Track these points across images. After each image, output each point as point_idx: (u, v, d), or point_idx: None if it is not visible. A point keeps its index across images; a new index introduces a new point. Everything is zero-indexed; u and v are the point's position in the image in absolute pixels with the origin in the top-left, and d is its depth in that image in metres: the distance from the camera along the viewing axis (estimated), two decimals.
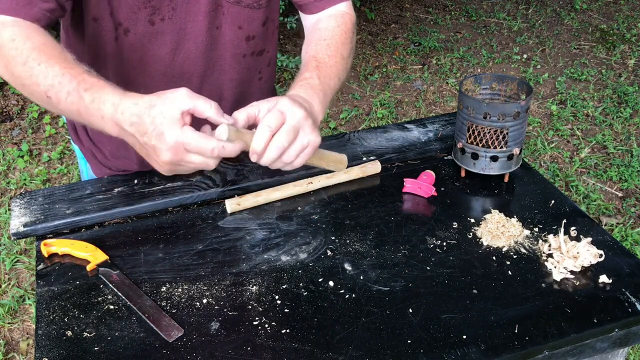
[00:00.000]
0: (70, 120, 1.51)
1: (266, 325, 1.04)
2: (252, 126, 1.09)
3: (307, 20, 1.38)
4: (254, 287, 1.12)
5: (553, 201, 1.32)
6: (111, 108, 1.02)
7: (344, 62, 1.30)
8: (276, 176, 1.37)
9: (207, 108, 1.01)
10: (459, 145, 1.38)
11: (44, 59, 1.06)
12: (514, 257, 1.18)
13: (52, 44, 1.10)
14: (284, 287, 1.12)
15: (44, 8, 1.13)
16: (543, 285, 1.12)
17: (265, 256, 1.19)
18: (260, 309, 1.07)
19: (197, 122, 1.04)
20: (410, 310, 1.06)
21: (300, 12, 1.41)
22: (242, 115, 1.08)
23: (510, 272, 1.14)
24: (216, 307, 1.08)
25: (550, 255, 1.18)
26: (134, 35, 1.25)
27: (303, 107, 1.08)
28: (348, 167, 1.40)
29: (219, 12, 1.28)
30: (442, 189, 1.36)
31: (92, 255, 1.17)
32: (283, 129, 1.04)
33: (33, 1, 1.11)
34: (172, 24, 1.26)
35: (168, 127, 0.98)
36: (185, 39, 1.28)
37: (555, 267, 1.15)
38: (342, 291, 1.10)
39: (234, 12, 1.29)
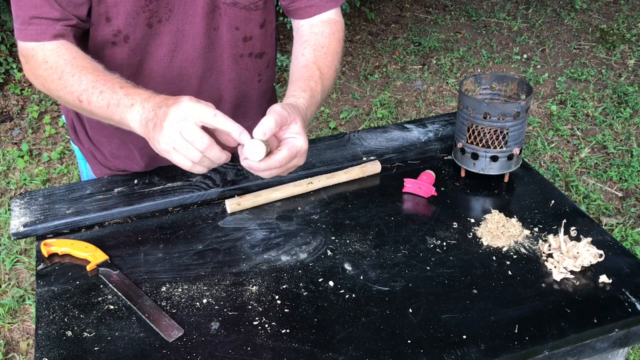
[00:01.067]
0: (70, 121, 1.51)
1: (266, 325, 1.04)
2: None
3: (298, 24, 1.39)
4: (254, 287, 1.12)
5: (553, 201, 1.32)
6: (145, 96, 1.09)
7: (335, 74, 1.33)
8: (276, 176, 1.37)
9: (234, 129, 1.03)
10: (459, 145, 1.38)
11: (77, 71, 1.16)
12: (514, 257, 1.18)
13: (81, 56, 1.19)
14: (284, 287, 1.12)
15: (65, 24, 1.19)
16: (543, 285, 1.12)
17: (265, 256, 1.19)
18: (260, 309, 1.07)
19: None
20: (410, 310, 1.06)
21: (290, 17, 1.41)
22: (270, 126, 1.04)
23: (510, 272, 1.14)
24: (216, 307, 1.08)
25: (550, 255, 1.18)
26: (134, 41, 1.26)
27: (306, 154, 1.13)
28: (348, 167, 1.40)
29: (216, 14, 1.28)
30: (442, 189, 1.36)
31: (92, 255, 1.17)
32: (286, 166, 1.08)
33: (52, 22, 1.18)
34: (170, 25, 1.26)
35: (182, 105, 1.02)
36: (183, 41, 1.28)
37: (555, 267, 1.15)
38: (342, 291, 1.10)
39: (231, 14, 1.29)
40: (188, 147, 1.02)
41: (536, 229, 1.25)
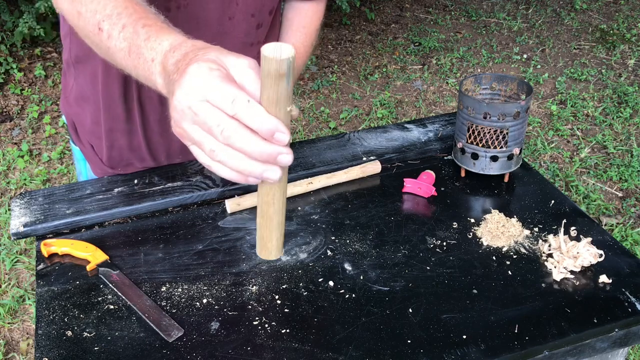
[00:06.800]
0: (71, 120, 1.51)
1: (266, 325, 1.04)
2: None
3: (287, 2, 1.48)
4: (254, 287, 1.12)
5: (553, 201, 1.32)
6: (167, 46, 0.87)
7: (310, 51, 1.45)
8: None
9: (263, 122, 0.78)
10: (459, 145, 1.38)
11: None
12: (514, 257, 1.18)
13: None
14: (284, 287, 1.12)
15: None
16: (543, 285, 1.12)
17: None
18: (260, 309, 1.07)
19: None
20: (410, 310, 1.06)
21: None
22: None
23: (510, 272, 1.14)
24: (216, 307, 1.08)
25: (550, 255, 1.18)
26: None
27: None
28: (348, 167, 1.40)
29: (232, 2, 1.28)
30: (442, 189, 1.36)
31: (92, 255, 1.17)
32: None
33: None
34: (187, 12, 1.25)
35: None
36: (198, 28, 1.28)
37: (555, 267, 1.15)
38: (342, 291, 1.10)
39: (248, 1, 1.30)
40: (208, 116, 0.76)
41: (536, 229, 1.25)
